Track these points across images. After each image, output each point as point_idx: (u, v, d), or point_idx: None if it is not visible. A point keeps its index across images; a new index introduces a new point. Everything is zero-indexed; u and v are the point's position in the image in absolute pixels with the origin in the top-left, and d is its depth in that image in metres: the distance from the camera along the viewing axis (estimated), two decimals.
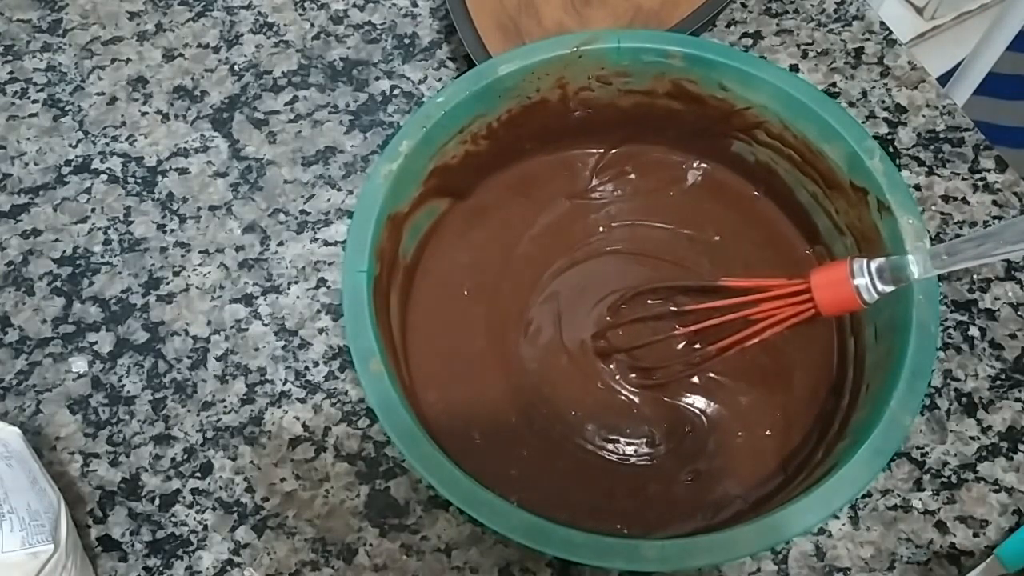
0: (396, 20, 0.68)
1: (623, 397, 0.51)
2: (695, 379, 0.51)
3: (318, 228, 0.59)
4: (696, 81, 0.53)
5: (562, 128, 0.56)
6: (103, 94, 0.65)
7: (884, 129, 0.62)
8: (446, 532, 0.50)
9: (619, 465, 0.49)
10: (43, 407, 0.54)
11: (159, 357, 0.55)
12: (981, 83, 0.97)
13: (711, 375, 0.51)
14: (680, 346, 0.51)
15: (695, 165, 0.57)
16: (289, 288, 0.57)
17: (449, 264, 0.55)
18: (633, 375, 0.51)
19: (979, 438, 0.52)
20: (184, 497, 0.51)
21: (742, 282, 0.48)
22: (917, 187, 0.60)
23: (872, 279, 0.43)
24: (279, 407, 0.54)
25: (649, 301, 0.53)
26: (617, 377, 0.51)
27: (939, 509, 0.50)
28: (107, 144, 0.63)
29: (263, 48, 0.67)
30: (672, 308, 0.52)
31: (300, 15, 0.68)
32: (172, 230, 0.60)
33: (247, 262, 0.58)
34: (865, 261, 0.43)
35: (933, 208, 0.59)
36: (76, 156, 0.63)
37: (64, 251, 0.59)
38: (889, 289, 0.43)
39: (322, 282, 0.58)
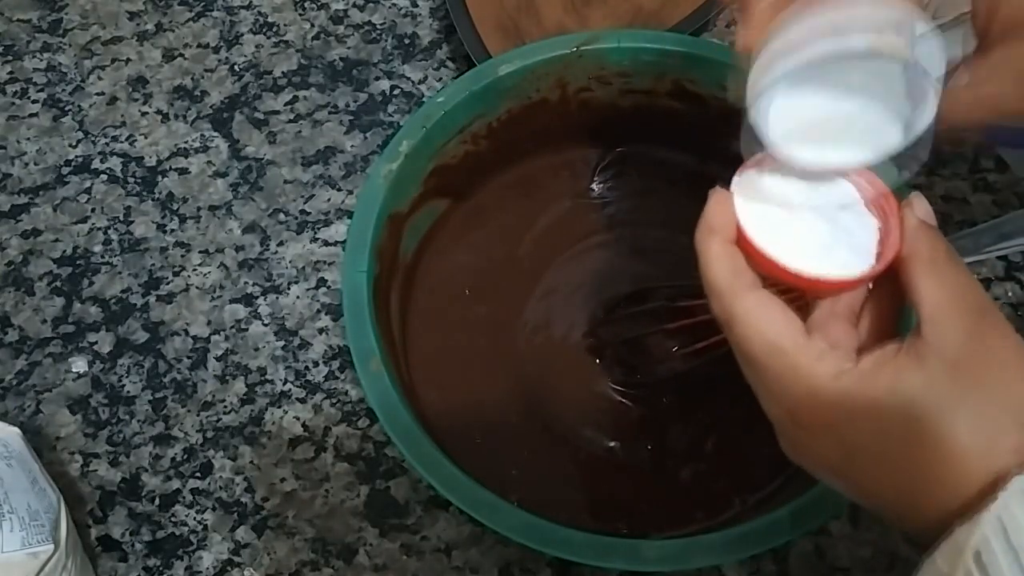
0: (396, 20, 0.68)
1: (623, 398, 0.51)
2: (694, 379, 0.51)
3: (318, 228, 0.59)
4: (696, 81, 0.52)
5: (562, 128, 0.56)
6: (103, 94, 0.65)
7: None
8: (446, 532, 0.50)
9: (619, 465, 0.49)
10: (43, 407, 0.54)
11: (159, 357, 0.55)
12: None
13: (710, 374, 0.51)
14: (676, 345, 0.51)
15: (695, 165, 0.57)
16: (289, 288, 0.57)
17: (449, 264, 0.55)
18: (631, 374, 0.51)
19: None
20: (184, 497, 0.51)
21: None
22: (917, 187, 0.60)
23: None
24: (279, 407, 0.54)
25: (646, 300, 0.53)
26: (614, 378, 0.51)
27: None
28: (107, 144, 0.63)
29: (263, 48, 0.67)
30: (666, 304, 0.52)
31: (300, 15, 0.68)
32: (172, 230, 0.60)
33: (247, 262, 0.58)
34: None
35: (933, 208, 0.59)
36: (76, 156, 0.63)
37: (64, 251, 0.59)
38: None
39: (322, 282, 0.58)
